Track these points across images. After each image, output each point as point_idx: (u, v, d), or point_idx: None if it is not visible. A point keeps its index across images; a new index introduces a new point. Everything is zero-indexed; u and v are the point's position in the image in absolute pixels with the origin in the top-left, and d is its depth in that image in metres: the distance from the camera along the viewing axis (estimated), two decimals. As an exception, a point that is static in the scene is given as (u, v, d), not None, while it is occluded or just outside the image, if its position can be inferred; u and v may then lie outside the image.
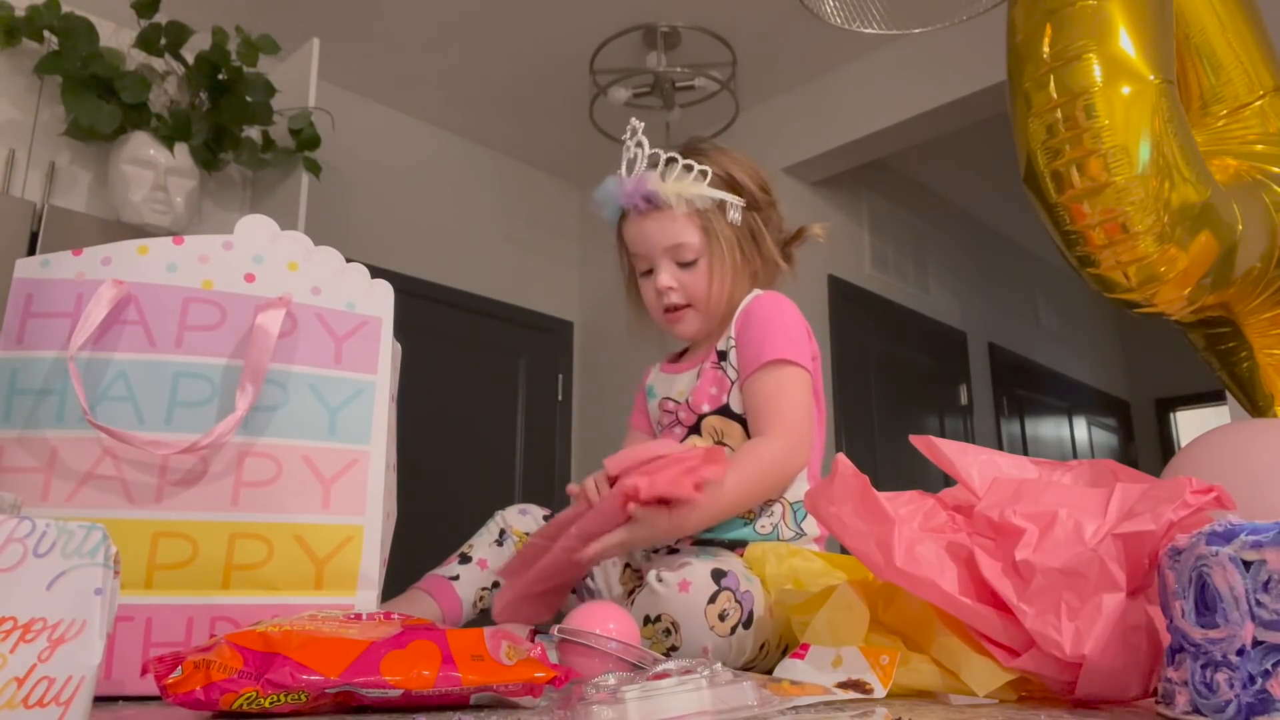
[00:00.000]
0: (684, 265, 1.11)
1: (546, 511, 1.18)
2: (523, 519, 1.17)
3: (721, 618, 0.82)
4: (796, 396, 1.03)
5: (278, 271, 0.79)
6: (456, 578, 1.10)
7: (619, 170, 1.12)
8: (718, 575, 0.84)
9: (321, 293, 0.80)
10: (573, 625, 0.75)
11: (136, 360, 0.73)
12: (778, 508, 1.08)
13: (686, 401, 1.12)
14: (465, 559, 1.12)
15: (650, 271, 1.14)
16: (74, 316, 0.72)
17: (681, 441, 1.11)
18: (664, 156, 1.09)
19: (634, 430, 1.26)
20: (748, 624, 0.84)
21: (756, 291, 1.13)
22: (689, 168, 1.08)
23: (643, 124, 1.11)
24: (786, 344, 1.04)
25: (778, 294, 1.13)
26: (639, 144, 1.10)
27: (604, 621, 0.75)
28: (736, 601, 0.83)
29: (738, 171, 1.12)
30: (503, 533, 1.15)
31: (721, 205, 1.10)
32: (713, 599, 0.82)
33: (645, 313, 1.20)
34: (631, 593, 1.14)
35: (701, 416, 1.10)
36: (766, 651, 0.87)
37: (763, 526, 1.07)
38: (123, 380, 0.72)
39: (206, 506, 0.71)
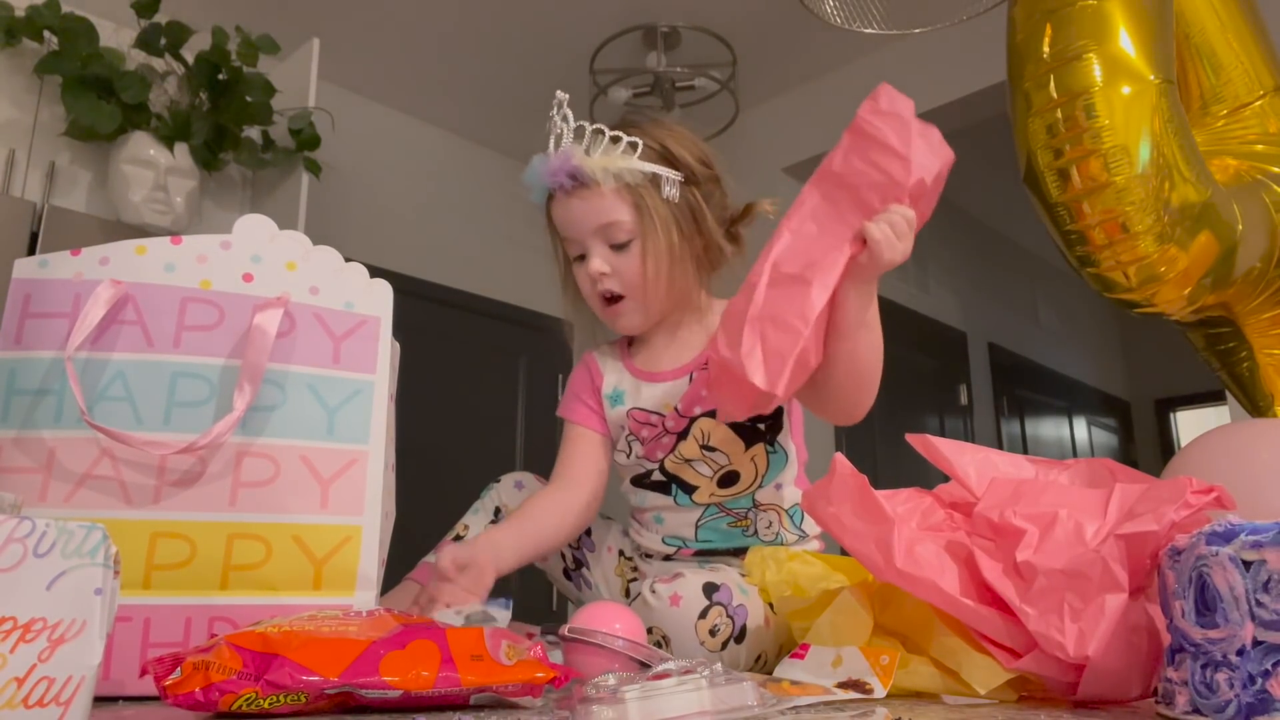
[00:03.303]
0: (617, 248, 1.03)
1: (543, 485, 1.14)
2: (518, 494, 1.14)
3: (712, 633, 0.81)
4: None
5: (276, 271, 0.78)
6: None
7: (546, 149, 1.04)
8: (709, 590, 0.83)
9: (320, 292, 0.79)
10: (579, 624, 0.75)
11: (134, 360, 0.73)
12: (774, 516, 1.07)
13: (675, 409, 1.06)
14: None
15: (583, 257, 1.06)
16: (72, 317, 0.72)
17: (672, 451, 1.07)
18: (589, 129, 1.01)
19: (580, 427, 1.13)
20: (740, 639, 0.82)
21: None
22: (616, 139, 1.00)
23: (568, 96, 1.03)
24: None
25: None
26: (564, 117, 1.02)
27: (610, 621, 0.75)
28: (729, 617, 0.82)
29: (673, 143, 1.03)
30: (498, 511, 1.13)
31: (655, 180, 1.01)
32: (703, 614, 0.81)
33: (583, 302, 1.12)
34: (627, 588, 1.13)
35: (693, 420, 1.05)
36: (764, 662, 0.86)
37: (764, 536, 1.06)
38: (120, 380, 0.72)
39: (204, 507, 0.71)
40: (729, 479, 1.05)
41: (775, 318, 0.81)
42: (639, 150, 1.01)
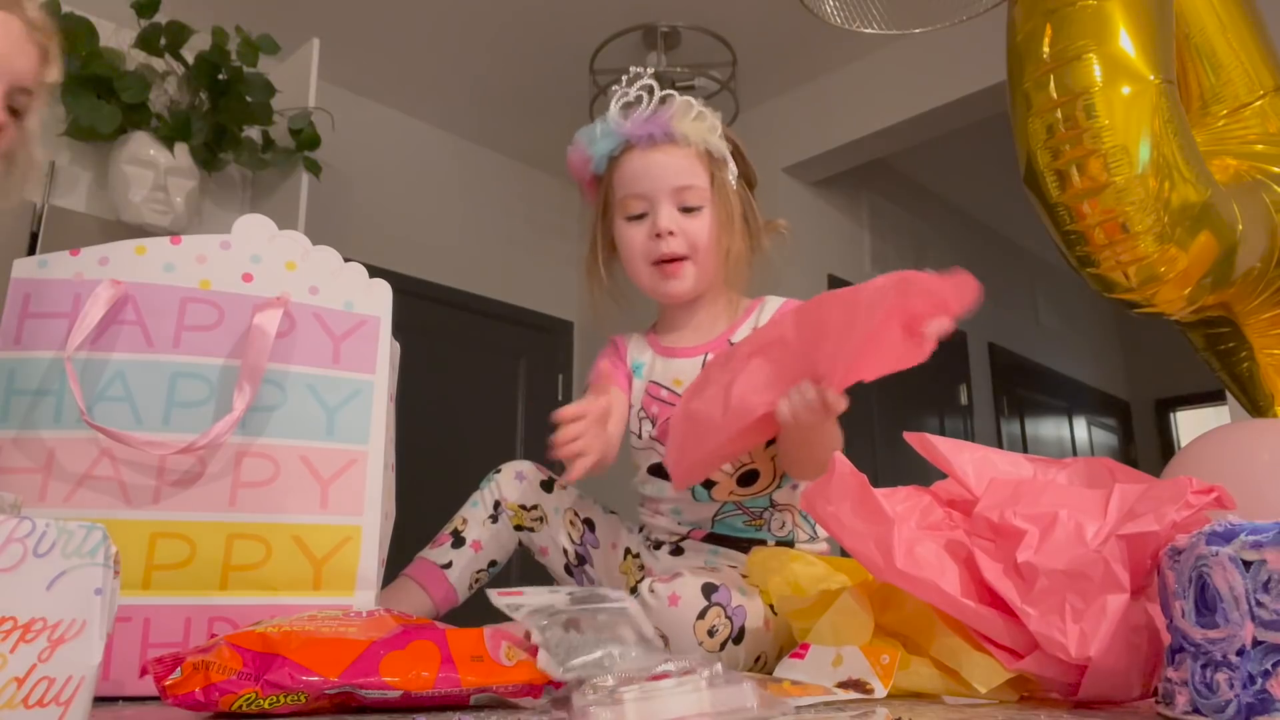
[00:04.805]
0: (686, 211, 1.05)
1: (545, 476, 1.14)
2: (518, 486, 1.13)
3: (710, 634, 0.81)
4: None
5: (276, 271, 0.78)
6: (449, 565, 1.07)
7: (606, 115, 1.09)
8: (708, 590, 0.83)
9: (319, 292, 0.79)
10: None
11: (134, 360, 0.73)
12: (788, 516, 1.07)
13: None
14: (459, 540, 1.09)
15: (643, 216, 1.06)
16: (71, 317, 0.72)
17: None
18: (679, 98, 1.06)
19: (605, 381, 1.13)
20: (738, 640, 0.82)
21: (781, 299, 1.11)
22: (702, 114, 1.05)
23: (651, 69, 1.10)
24: None
25: None
26: (646, 87, 1.06)
27: None
28: (727, 618, 0.82)
29: (738, 140, 1.10)
30: (497, 506, 1.11)
31: (724, 163, 1.07)
32: (702, 615, 0.81)
33: (602, 286, 1.12)
34: (634, 588, 1.13)
35: None
36: (764, 664, 0.86)
37: (777, 534, 1.07)
38: (120, 380, 0.72)
39: (204, 507, 0.71)
40: (749, 478, 1.06)
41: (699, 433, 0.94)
42: (718, 132, 1.06)
